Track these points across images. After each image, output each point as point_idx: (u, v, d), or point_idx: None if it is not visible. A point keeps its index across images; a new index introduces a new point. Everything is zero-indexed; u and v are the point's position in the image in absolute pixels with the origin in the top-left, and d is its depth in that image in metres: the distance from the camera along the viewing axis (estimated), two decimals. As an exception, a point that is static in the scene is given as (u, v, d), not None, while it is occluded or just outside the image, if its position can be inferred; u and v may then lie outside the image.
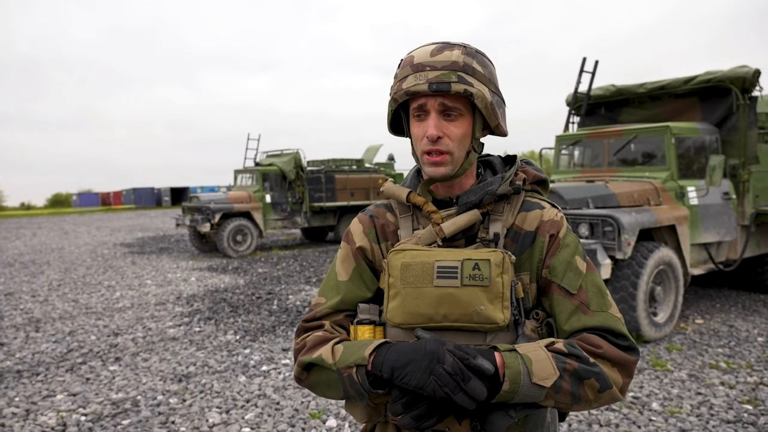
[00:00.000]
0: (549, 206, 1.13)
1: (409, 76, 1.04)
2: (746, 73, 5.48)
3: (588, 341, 1.00)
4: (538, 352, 0.95)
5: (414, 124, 1.08)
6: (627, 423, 3.23)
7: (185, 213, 12.26)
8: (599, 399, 0.97)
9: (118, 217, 30.34)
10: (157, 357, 4.75)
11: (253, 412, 3.55)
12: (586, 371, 0.95)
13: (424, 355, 0.91)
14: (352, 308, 1.12)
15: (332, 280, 1.16)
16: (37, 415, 3.59)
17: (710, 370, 4.09)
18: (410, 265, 1.01)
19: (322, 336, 1.08)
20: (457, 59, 1.03)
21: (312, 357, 1.04)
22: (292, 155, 12.82)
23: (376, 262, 1.14)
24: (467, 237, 1.09)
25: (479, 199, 1.07)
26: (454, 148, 1.05)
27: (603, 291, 1.07)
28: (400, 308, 1.01)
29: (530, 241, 1.09)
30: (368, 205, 1.23)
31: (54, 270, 10.30)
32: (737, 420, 3.25)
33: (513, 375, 0.91)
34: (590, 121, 6.85)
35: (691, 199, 5.27)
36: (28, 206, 69.80)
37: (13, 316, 6.53)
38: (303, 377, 1.08)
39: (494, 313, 0.97)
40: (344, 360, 0.99)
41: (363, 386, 0.97)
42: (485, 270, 0.98)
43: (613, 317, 1.04)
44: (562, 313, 1.05)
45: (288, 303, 6.80)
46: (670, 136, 5.32)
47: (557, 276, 1.06)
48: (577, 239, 1.11)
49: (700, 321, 5.39)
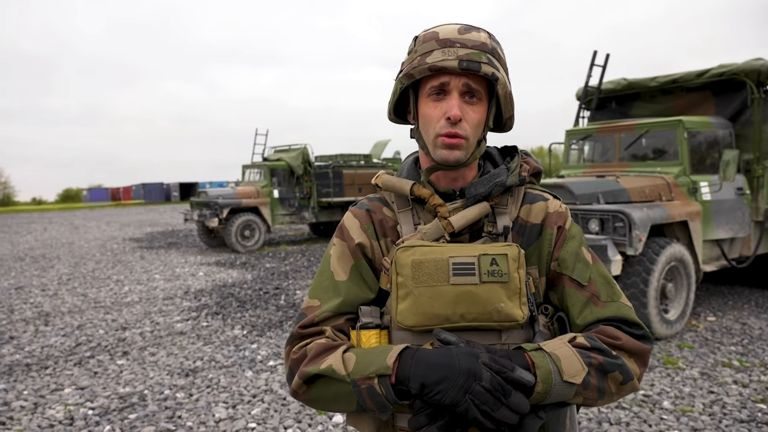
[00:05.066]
0: (551, 197, 1.10)
1: (434, 50, 0.97)
2: (761, 65, 5.38)
3: (606, 333, 0.97)
4: (564, 348, 0.91)
5: (428, 104, 1.01)
6: (638, 421, 3.18)
7: (193, 208, 12.29)
8: (621, 391, 0.95)
9: (127, 212, 30.54)
10: (165, 351, 4.76)
11: (260, 407, 3.54)
12: (611, 364, 0.92)
13: (460, 373, 0.84)
14: (353, 311, 1.02)
15: (327, 281, 1.05)
16: (45, 408, 3.61)
17: (723, 368, 4.02)
18: (422, 262, 0.94)
19: (326, 344, 0.97)
20: (485, 41, 0.99)
21: (320, 368, 0.93)
22: (299, 150, 12.82)
23: (375, 260, 1.06)
24: (472, 232, 1.04)
25: (488, 191, 1.02)
26: (471, 133, 1.00)
27: (610, 281, 1.05)
28: (412, 309, 0.94)
29: (537, 233, 1.05)
30: (354, 202, 1.15)
31: (64, 264, 10.37)
32: (751, 419, 3.19)
33: (544, 375, 0.87)
34: (601, 115, 6.75)
35: (704, 194, 5.18)
36: (39, 201, 70.50)
37: (23, 309, 6.58)
38: (302, 391, 0.97)
39: (514, 311, 0.93)
40: (361, 370, 0.89)
41: (387, 398, 0.88)
42: (503, 265, 0.94)
43: (625, 306, 1.01)
44: (575, 306, 1.01)
45: (295, 298, 6.79)
46: (682, 130, 5.23)
47: (567, 268, 1.03)
48: (581, 230, 1.08)
49: (712, 318, 5.31)
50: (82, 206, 44.30)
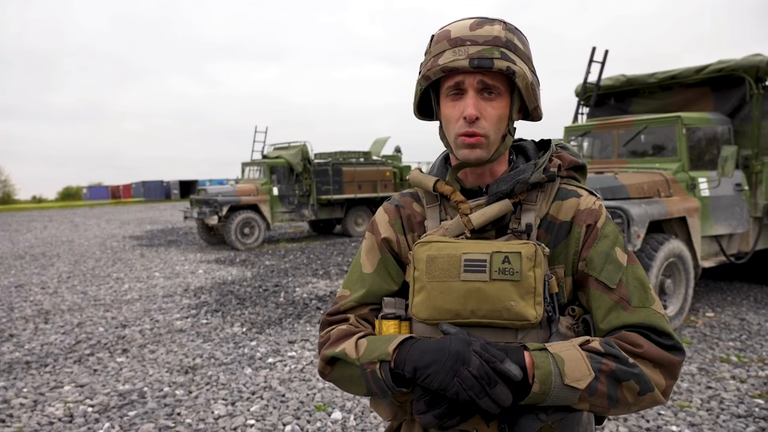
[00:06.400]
0: (586, 194, 1.04)
1: (446, 51, 0.96)
2: (760, 61, 5.37)
3: (627, 340, 0.92)
4: (572, 351, 0.88)
5: (447, 104, 1.00)
6: (636, 416, 3.19)
7: (193, 206, 12.30)
8: (639, 402, 0.90)
9: (127, 210, 30.55)
10: (164, 349, 4.77)
11: (259, 404, 3.55)
12: (625, 372, 0.88)
13: (449, 355, 0.86)
14: (377, 302, 1.07)
15: (357, 272, 1.11)
16: (45, 405, 3.62)
17: (721, 363, 4.03)
18: (436, 257, 0.96)
19: (346, 330, 1.04)
20: (498, 34, 0.96)
21: (335, 351, 1.00)
22: (299, 148, 12.82)
23: (402, 254, 1.09)
24: (498, 228, 1.03)
25: (510, 188, 1.00)
26: (491, 130, 0.98)
27: (646, 285, 0.98)
28: (425, 303, 0.96)
29: (566, 231, 1.01)
30: (387, 197, 1.18)
31: (64, 262, 10.38)
32: (748, 414, 3.20)
33: (543, 376, 0.85)
34: (600, 111, 6.75)
35: (703, 190, 5.18)
36: (39, 199, 70.54)
37: (23, 307, 6.59)
38: (327, 371, 1.04)
39: (525, 310, 0.91)
40: (368, 355, 0.95)
41: (386, 383, 0.92)
42: (516, 263, 0.92)
43: (656, 314, 0.95)
44: (600, 309, 0.97)
45: (295, 295, 6.80)
46: (681, 126, 5.22)
47: (595, 269, 0.98)
48: (618, 229, 1.02)
49: (710, 314, 5.32)
50: (82, 204, 44.33)
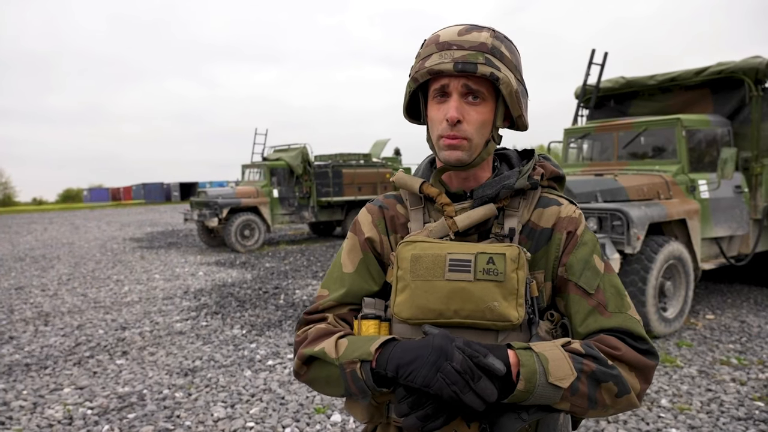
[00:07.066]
0: (566, 202, 1.08)
1: (433, 54, 0.99)
2: (759, 63, 5.38)
3: (606, 342, 0.95)
4: (555, 351, 0.90)
5: (433, 106, 1.03)
6: (635, 419, 3.18)
7: (193, 208, 12.30)
8: (616, 404, 0.92)
9: (127, 212, 30.56)
10: (164, 351, 4.76)
11: (258, 406, 3.55)
12: (604, 374, 0.90)
13: (432, 350, 0.86)
14: (357, 302, 1.07)
15: (337, 272, 1.11)
16: (44, 408, 3.61)
17: (721, 366, 4.03)
18: (421, 257, 0.97)
19: (325, 329, 1.03)
20: (485, 41, 0.99)
21: (314, 350, 0.99)
22: (299, 150, 12.82)
23: (384, 255, 1.10)
24: (481, 232, 1.05)
25: (495, 192, 1.03)
26: (473, 134, 1.00)
27: (621, 292, 1.02)
28: (408, 302, 0.96)
29: (546, 238, 1.04)
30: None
31: (64, 264, 10.38)
32: (748, 417, 3.19)
33: (528, 374, 0.86)
34: (599, 113, 6.75)
35: (702, 192, 5.18)
36: (39, 201, 70.58)
37: (23, 309, 6.59)
38: (302, 371, 1.03)
39: (508, 311, 0.93)
40: (348, 355, 0.94)
41: (367, 383, 0.92)
42: (500, 264, 0.94)
43: (632, 319, 0.98)
44: (578, 314, 1.00)
45: (295, 297, 6.79)
46: (680, 128, 5.23)
47: (574, 275, 1.01)
48: (596, 238, 1.06)
49: (710, 316, 5.32)
50: (82, 206, 44.34)
